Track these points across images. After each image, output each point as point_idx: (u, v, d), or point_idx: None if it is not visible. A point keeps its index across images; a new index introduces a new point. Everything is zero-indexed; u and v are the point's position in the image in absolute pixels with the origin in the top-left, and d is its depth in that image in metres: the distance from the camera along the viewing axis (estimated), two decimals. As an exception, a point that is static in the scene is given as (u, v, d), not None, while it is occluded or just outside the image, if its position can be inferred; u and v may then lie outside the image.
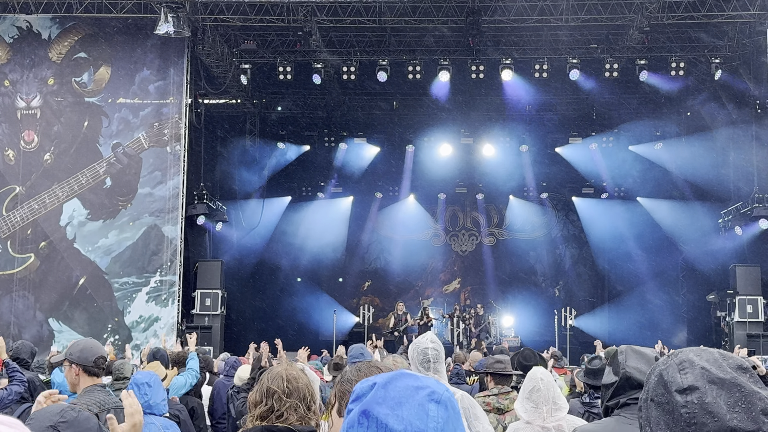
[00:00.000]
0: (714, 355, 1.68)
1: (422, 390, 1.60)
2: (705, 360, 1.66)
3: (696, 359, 1.67)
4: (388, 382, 1.62)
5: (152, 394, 5.44)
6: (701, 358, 1.67)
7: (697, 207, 23.95)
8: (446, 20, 19.43)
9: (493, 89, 23.16)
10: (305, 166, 26.75)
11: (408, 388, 1.60)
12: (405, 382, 1.62)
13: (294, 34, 20.65)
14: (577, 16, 19.00)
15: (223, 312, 20.67)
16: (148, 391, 5.41)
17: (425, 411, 1.56)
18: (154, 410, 5.44)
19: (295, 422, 3.17)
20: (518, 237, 28.22)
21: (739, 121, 21.67)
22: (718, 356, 1.68)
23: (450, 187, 27.91)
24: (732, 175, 22.42)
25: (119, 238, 19.50)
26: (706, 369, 1.63)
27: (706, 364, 1.65)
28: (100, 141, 19.75)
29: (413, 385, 1.61)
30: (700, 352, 1.70)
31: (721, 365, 1.64)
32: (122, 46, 19.90)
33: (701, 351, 1.71)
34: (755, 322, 19.47)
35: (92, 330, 19.13)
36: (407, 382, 1.62)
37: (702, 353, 1.69)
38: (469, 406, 5.26)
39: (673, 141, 24.67)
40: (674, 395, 1.62)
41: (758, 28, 19.29)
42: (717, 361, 1.66)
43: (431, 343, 5.40)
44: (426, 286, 28.08)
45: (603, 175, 26.19)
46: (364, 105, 25.32)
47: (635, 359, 3.30)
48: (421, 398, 1.58)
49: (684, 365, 1.66)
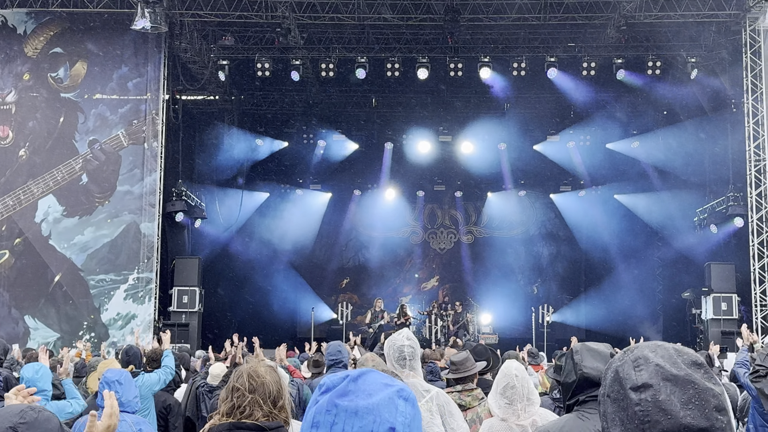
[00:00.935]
0: (669, 351, 1.68)
1: (391, 387, 1.62)
2: (660, 357, 1.66)
3: (651, 356, 1.67)
4: (358, 376, 1.64)
5: (123, 392, 5.42)
6: (656, 354, 1.67)
7: (673, 205, 24.11)
8: (425, 18, 19.44)
9: (471, 87, 23.19)
10: (283, 162, 26.68)
11: (378, 383, 1.62)
12: (375, 377, 1.64)
13: (272, 30, 20.58)
14: (555, 14, 19.08)
15: (201, 309, 20.58)
16: (119, 388, 5.40)
17: (395, 405, 1.58)
18: (126, 408, 5.42)
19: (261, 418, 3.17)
20: (496, 234, 28.30)
21: (714, 119, 21.85)
22: (673, 352, 1.68)
23: (428, 185, 27.95)
24: (708, 174, 22.59)
25: (96, 235, 19.37)
26: (661, 366, 1.64)
27: (660, 360, 1.65)
28: (76, 137, 19.61)
29: (382, 381, 1.63)
30: (655, 348, 1.70)
31: (676, 362, 1.65)
32: (99, 41, 19.76)
33: (657, 347, 1.71)
34: (729, 320, 19.63)
35: (68, 327, 19.02)
36: (377, 378, 1.64)
37: (657, 349, 1.69)
38: (444, 402, 5.27)
39: (650, 139, 24.82)
40: (629, 392, 1.63)
41: (734, 27, 19.46)
42: (672, 358, 1.66)
43: (407, 340, 5.40)
44: (404, 284, 28.10)
45: (581, 172, 26.31)
46: (343, 102, 25.28)
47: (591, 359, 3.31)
48: (390, 393, 1.60)
49: (639, 362, 1.66)
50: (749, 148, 19.06)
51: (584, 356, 3.34)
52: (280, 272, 26.72)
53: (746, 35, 19.01)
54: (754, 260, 18.86)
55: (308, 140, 26.55)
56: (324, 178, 27.21)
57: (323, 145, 26.29)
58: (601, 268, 26.42)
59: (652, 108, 24.44)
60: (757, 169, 19.04)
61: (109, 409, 2.98)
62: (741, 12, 18.79)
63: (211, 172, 24.56)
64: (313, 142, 26.46)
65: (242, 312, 25.68)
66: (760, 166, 19.01)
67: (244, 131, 25.03)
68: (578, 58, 20.94)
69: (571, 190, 27.06)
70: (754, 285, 18.82)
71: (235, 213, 25.23)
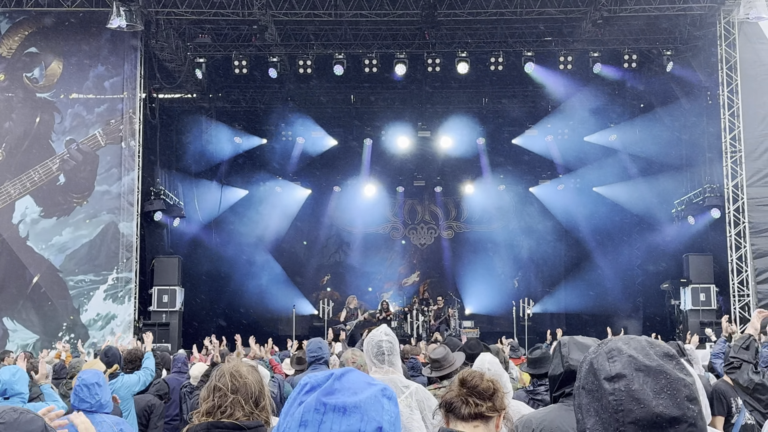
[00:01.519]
0: (642, 343, 1.72)
1: (375, 385, 1.64)
2: (633, 348, 1.70)
3: (624, 347, 1.71)
4: (342, 374, 1.66)
5: (102, 393, 5.40)
6: (629, 346, 1.71)
7: (651, 197, 24.29)
8: (402, 13, 19.45)
9: (449, 82, 23.24)
10: (262, 159, 26.62)
11: (362, 382, 1.64)
12: (358, 376, 1.66)
13: (249, 27, 20.53)
14: (531, 9, 19.15)
15: (181, 308, 20.51)
16: (98, 390, 5.38)
17: (381, 404, 1.60)
18: (105, 408, 5.41)
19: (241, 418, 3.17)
20: (476, 229, 28.40)
21: (691, 111, 22.02)
22: (646, 344, 1.72)
23: (408, 181, 28.00)
24: (685, 166, 22.77)
25: (74, 236, 19.24)
26: (634, 357, 1.67)
27: (633, 352, 1.69)
28: (53, 137, 19.47)
29: (366, 380, 1.66)
30: (628, 340, 1.74)
31: (648, 353, 1.68)
32: (74, 40, 19.62)
33: (630, 339, 1.75)
34: (708, 310, 19.81)
35: (47, 329, 18.90)
36: (360, 377, 1.66)
37: (630, 341, 1.73)
38: (424, 398, 5.28)
39: (627, 132, 24.98)
40: (603, 383, 1.66)
41: (709, 20, 19.61)
42: (644, 349, 1.70)
43: (385, 335, 5.40)
44: (385, 280, 28.14)
45: (559, 166, 26.45)
46: (321, 98, 25.25)
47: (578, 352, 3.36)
48: (375, 392, 1.62)
49: (612, 353, 1.70)
50: (725, 139, 19.23)
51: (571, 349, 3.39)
52: (260, 270, 26.67)
53: (720, 27, 19.17)
54: (732, 251, 19.05)
55: (287, 137, 26.51)
56: (303, 174, 27.19)
57: (302, 142, 26.26)
58: (580, 261, 26.58)
59: (629, 101, 24.62)
60: (733, 160, 19.21)
61: (82, 426, 2.96)
62: (715, 5, 18.95)
63: (190, 171, 24.47)
64: (291, 138, 26.42)
65: (223, 310, 25.64)
66: (736, 157, 19.18)
67: (222, 129, 24.96)
68: (555, 53, 21.04)
69: (550, 184, 27.20)
70: (731, 275, 19.00)
71: (214, 211, 25.16)
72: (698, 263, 20.46)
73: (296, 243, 28.20)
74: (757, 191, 19.01)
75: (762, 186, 19.02)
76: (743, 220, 18.99)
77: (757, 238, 18.91)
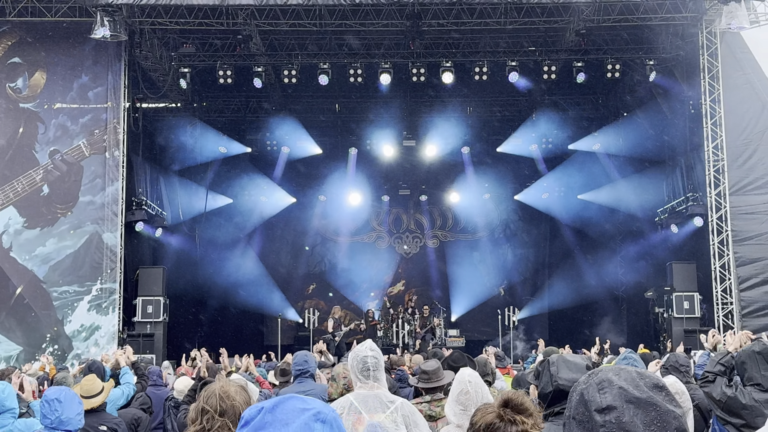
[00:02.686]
0: (632, 374, 1.74)
1: (308, 411, 1.64)
2: (623, 379, 1.72)
3: (615, 379, 1.72)
4: (275, 406, 1.66)
5: (63, 410, 5.36)
6: (620, 377, 1.73)
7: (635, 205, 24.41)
8: (387, 23, 19.48)
9: (434, 91, 23.29)
10: (247, 168, 26.56)
11: (295, 410, 1.64)
12: (292, 404, 1.66)
13: (234, 37, 20.51)
14: (515, 18, 19.22)
15: (166, 319, 20.41)
16: (58, 407, 5.35)
17: (310, 429, 1.59)
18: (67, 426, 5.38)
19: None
20: (462, 238, 28.45)
21: (673, 120, 22.16)
22: (636, 375, 1.73)
23: (393, 190, 28.03)
24: (668, 174, 22.89)
25: (58, 247, 19.13)
26: (624, 389, 1.69)
27: (624, 383, 1.70)
28: (37, 148, 19.36)
29: (300, 407, 1.65)
30: (618, 371, 1.76)
31: (638, 385, 1.70)
32: (58, 50, 19.53)
33: (620, 370, 1.76)
34: (692, 318, 19.90)
35: (30, 340, 18.78)
36: (294, 405, 1.66)
37: (621, 372, 1.75)
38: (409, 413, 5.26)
39: (611, 140, 25.12)
40: (594, 414, 1.68)
41: (691, 30, 19.75)
42: (634, 381, 1.71)
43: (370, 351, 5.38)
44: (371, 289, 28.12)
45: (544, 174, 26.54)
46: (306, 108, 25.25)
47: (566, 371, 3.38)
48: (306, 418, 1.62)
49: (603, 385, 1.71)
50: (708, 148, 19.36)
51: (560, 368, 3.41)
52: (245, 279, 26.58)
53: (703, 37, 19.32)
54: (715, 259, 19.15)
55: (272, 146, 26.48)
56: (288, 183, 27.13)
57: (287, 151, 26.22)
58: (565, 269, 26.65)
59: (612, 110, 24.76)
60: (715, 169, 19.34)
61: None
62: (698, 14, 19.08)
63: (174, 180, 24.37)
64: (276, 147, 26.39)
65: (209, 320, 25.54)
66: (718, 166, 19.31)
67: (206, 138, 24.89)
68: (539, 62, 21.13)
69: (535, 192, 27.27)
70: (715, 283, 19.11)
71: (198, 220, 25.08)
72: (682, 271, 20.55)
73: (281, 252, 28.15)
74: (740, 199, 19.14)
75: (744, 194, 19.15)
76: (726, 228, 19.11)
77: (740, 246, 19.03)
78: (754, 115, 19.23)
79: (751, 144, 19.22)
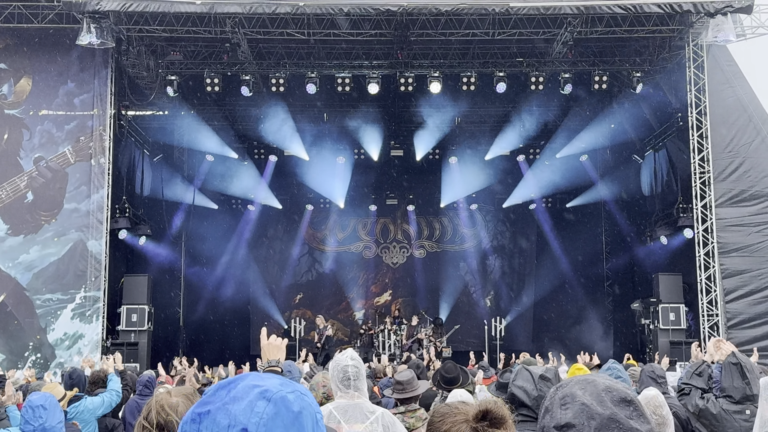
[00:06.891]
0: (598, 388, 1.68)
1: (257, 388, 1.61)
2: (588, 393, 1.67)
3: (579, 393, 1.67)
4: (230, 383, 1.64)
5: (47, 417, 5.31)
6: (585, 392, 1.67)
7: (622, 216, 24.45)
8: (375, 33, 19.48)
9: (421, 101, 23.29)
10: (234, 178, 26.47)
11: (247, 387, 1.61)
12: (247, 382, 1.63)
13: (221, 45, 20.45)
14: (503, 29, 19.26)
15: (151, 327, 20.28)
16: (42, 413, 5.29)
17: (252, 407, 1.57)
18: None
19: None
20: (448, 249, 28.41)
21: (660, 132, 22.25)
22: (603, 389, 1.68)
23: (381, 199, 27.98)
24: (656, 186, 22.95)
25: (42, 254, 18.99)
26: (587, 405, 1.64)
27: (588, 398, 1.65)
28: (21, 154, 19.25)
29: (252, 384, 1.62)
30: (585, 384, 1.70)
31: (603, 400, 1.65)
32: (44, 57, 19.44)
33: (587, 383, 1.71)
34: (678, 330, 19.93)
35: (13, 348, 18.62)
36: (249, 382, 1.63)
37: (587, 386, 1.69)
38: (390, 423, 5.21)
39: (599, 152, 25.18)
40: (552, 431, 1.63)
41: (677, 42, 19.84)
42: (599, 396, 1.66)
43: (351, 360, 5.33)
44: (357, 299, 28.05)
45: (530, 185, 26.56)
46: (294, 116, 25.17)
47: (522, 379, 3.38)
48: (253, 395, 1.59)
49: (566, 400, 1.67)
50: (694, 160, 19.42)
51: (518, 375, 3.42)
52: (232, 288, 26.50)
53: (689, 50, 19.40)
54: (701, 270, 19.18)
55: (259, 156, 26.41)
56: (275, 192, 27.05)
57: (274, 160, 26.16)
58: (551, 280, 26.67)
59: (599, 121, 24.80)
60: (702, 181, 19.39)
61: None
62: (684, 27, 19.16)
63: (160, 188, 24.27)
64: (264, 156, 26.32)
65: (194, 329, 25.40)
66: (705, 178, 19.36)
67: (193, 146, 24.80)
68: (526, 73, 21.17)
69: (522, 202, 27.29)
70: (700, 295, 19.13)
71: (184, 228, 24.96)
72: (668, 282, 20.59)
73: (268, 262, 28.06)
74: (726, 212, 19.19)
75: (730, 206, 19.20)
76: (712, 240, 19.15)
77: (725, 258, 19.07)
78: (741, 128, 19.30)
79: (738, 157, 19.28)
